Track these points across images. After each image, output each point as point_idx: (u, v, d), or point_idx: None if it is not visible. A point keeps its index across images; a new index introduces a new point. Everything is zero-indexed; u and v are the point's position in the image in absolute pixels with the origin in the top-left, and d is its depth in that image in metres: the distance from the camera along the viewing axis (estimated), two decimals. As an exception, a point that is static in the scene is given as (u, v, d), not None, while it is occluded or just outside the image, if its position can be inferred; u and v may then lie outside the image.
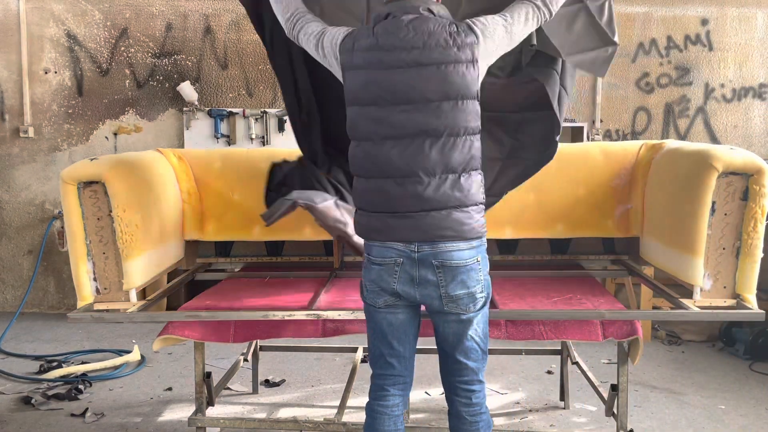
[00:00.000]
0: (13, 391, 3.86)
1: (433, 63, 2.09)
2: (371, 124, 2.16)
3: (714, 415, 3.54)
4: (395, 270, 2.17)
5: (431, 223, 2.13)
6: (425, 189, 2.13)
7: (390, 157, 2.14)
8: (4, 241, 5.61)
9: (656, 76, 5.42)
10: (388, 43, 2.11)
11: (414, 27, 2.11)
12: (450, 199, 2.14)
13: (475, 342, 2.25)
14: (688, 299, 2.60)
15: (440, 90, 2.10)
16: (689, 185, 2.59)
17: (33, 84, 5.50)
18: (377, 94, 2.14)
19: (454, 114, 2.12)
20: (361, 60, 2.15)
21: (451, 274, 2.14)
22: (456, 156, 2.14)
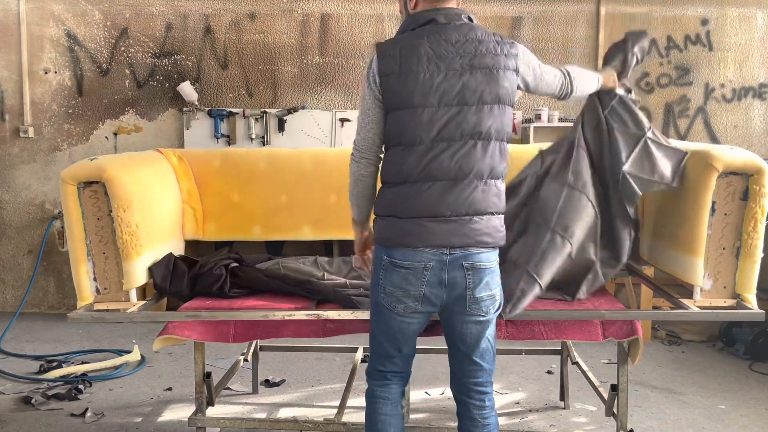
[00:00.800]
0: (13, 391, 3.86)
1: (485, 67, 2.12)
2: (422, 127, 2.11)
3: (714, 415, 3.54)
4: (424, 274, 2.13)
5: (474, 228, 2.13)
6: (473, 192, 2.12)
7: (442, 160, 2.11)
8: (4, 241, 5.61)
9: (656, 76, 5.42)
10: (439, 46, 2.11)
11: (463, 33, 2.14)
12: (490, 205, 2.16)
13: (490, 344, 2.27)
14: (688, 299, 2.60)
15: (493, 93, 2.13)
16: (689, 185, 2.59)
17: (33, 84, 5.50)
18: (430, 96, 2.10)
19: (502, 118, 2.16)
20: (409, 63, 2.10)
21: (479, 276, 2.15)
22: (499, 160, 2.17)
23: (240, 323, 2.71)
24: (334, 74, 5.47)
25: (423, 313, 2.22)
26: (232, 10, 5.44)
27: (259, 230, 3.27)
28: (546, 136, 5.27)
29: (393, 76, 2.12)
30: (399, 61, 2.11)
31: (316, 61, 5.47)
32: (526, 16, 5.41)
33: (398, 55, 2.12)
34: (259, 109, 5.40)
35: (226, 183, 3.28)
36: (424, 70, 2.09)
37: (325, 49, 5.46)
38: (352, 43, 5.44)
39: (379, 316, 2.26)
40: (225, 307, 2.69)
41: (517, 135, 5.38)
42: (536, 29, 5.41)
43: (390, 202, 2.18)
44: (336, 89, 5.48)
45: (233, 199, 3.28)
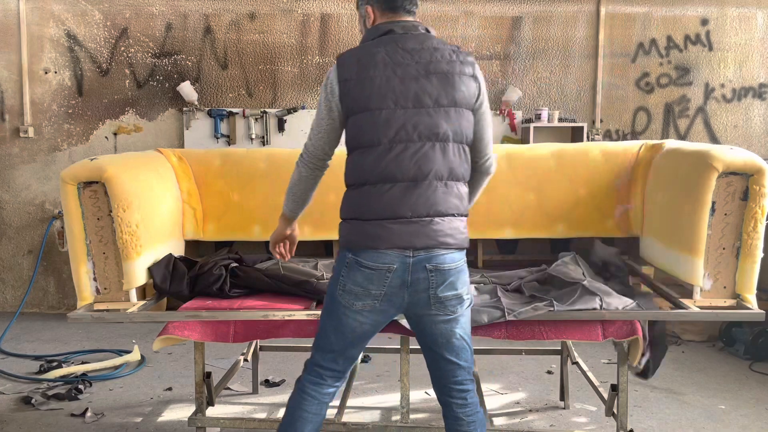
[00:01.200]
0: (13, 391, 3.86)
1: (441, 72, 2.18)
2: (379, 128, 2.15)
3: (714, 415, 3.54)
4: (387, 275, 2.15)
5: (436, 230, 2.14)
6: (433, 193, 2.15)
7: (400, 161, 2.14)
8: (4, 241, 5.61)
9: (656, 76, 5.42)
10: (396, 53, 2.19)
11: (419, 41, 2.23)
12: (451, 206, 2.18)
13: (464, 341, 2.26)
14: (688, 299, 2.60)
15: (449, 96, 2.18)
16: (689, 185, 2.59)
17: (33, 84, 5.50)
18: (387, 98, 2.15)
19: (459, 121, 2.19)
20: (366, 70, 2.16)
21: (443, 277, 2.16)
22: (459, 162, 2.20)
23: (240, 323, 2.71)
24: (334, 74, 5.47)
25: (380, 312, 2.21)
26: (232, 10, 5.44)
27: (259, 230, 3.27)
28: (546, 136, 5.28)
29: (351, 82, 2.17)
30: (357, 68, 2.17)
31: (316, 61, 5.47)
32: (526, 16, 5.41)
33: (356, 62, 2.18)
34: (259, 109, 5.40)
35: (226, 183, 3.28)
36: (381, 75, 2.15)
37: (325, 49, 5.46)
38: (352, 43, 5.44)
39: (333, 312, 2.26)
40: (225, 307, 2.69)
41: (518, 135, 5.38)
42: (536, 29, 5.41)
43: (353, 205, 2.21)
44: (336, 89, 5.47)
45: (233, 199, 3.28)
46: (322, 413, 2.34)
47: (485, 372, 4.07)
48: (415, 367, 4.08)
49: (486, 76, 5.41)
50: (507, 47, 5.44)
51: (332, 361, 2.33)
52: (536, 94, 5.46)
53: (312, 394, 2.33)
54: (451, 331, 2.23)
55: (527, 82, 5.45)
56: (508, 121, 5.38)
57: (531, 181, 3.19)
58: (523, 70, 5.45)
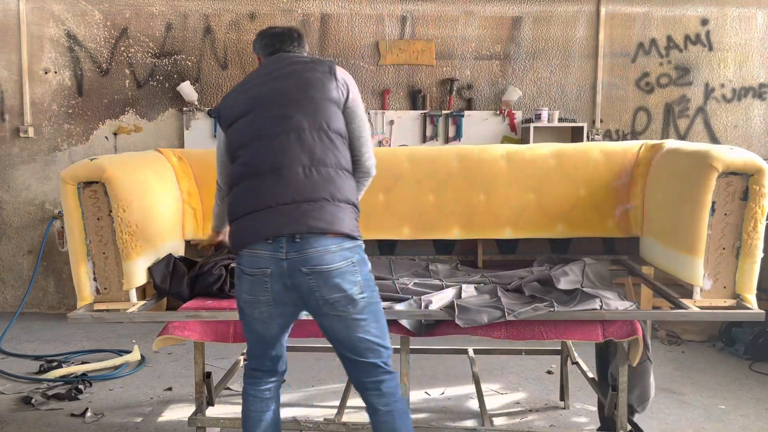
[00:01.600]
0: (13, 391, 3.86)
1: (293, 72, 2.32)
2: (246, 130, 2.28)
3: (714, 415, 3.54)
4: (265, 281, 2.18)
5: (303, 213, 2.14)
6: (295, 178, 2.18)
7: (259, 154, 2.22)
8: (4, 241, 5.61)
9: (656, 76, 5.42)
10: (253, 75, 2.39)
11: (277, 59, 2.42)
12: (321, 191, 2.18)
13: (370, 342, 2.24)
14: (688, 299, 2.60)
15: (301, 88, 2.27)
16: (689, 185, 2.59)
17: (33, 84, 5.50)
18: (252, 103, 2.30)
19: (314, 110, 2.25)
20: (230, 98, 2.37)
21: (323, 279, 2.14)
22: (322, 150, 2.23)
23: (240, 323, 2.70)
24: (334, 74, 5.47)
25: (280, 315, 2.26)
26: (232, 10, 5.44)
27: (259, 230, 3.27)
28: (546, 136, 5.28)
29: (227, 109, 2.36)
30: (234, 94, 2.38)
31: (316, 61, 5.46)
32: (526, 16, 5.41)
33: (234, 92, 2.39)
34: (259, 109, 5.40)
35: (226, 183, 3.27)
36: (245, 91, 2.34)
37: (325, 49, 5.46)
38: (352, 43, 5.45)
39: (242, 320, 2.34)
40: (225, 307, 2.69)
41: (518, 135, 5.38)
42: (536, 29, 5.41)
43: (230, 206, 2.29)
44: (336, 89, 5.48)
45: (233, 199, 3.27)
46: (269, 409, 2.42)
47: (485, 372, 4.07)
48: (415, 367, 4.08)
49: (486, 76, 5.43)
50: (507, 47, 5.44)
51: (259, 362, 2.41)
52: (536, 94, 5.46)
53: (252, 394, 2.42)
54: (350, 333, 2.21)
55: (527, 82, 5.45)
56: (508, 121, 5.38)
57: (531, 181, 3.19)
58: (523, 70, 5.45)
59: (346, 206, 2.22)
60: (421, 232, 3.25)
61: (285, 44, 2.47)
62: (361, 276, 2.21)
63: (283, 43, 2.47)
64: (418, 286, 2.86)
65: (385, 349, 2.28)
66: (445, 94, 5.44)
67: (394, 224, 3.24)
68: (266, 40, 2.49)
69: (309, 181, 2.17)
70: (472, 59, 5.44)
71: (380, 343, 2.26)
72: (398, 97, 5.47)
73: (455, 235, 3.23)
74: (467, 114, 5.37)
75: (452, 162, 3.23)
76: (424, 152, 3.32)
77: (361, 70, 5.46)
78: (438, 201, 3.22)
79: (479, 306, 2.59)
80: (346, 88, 2.34)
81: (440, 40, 5.42)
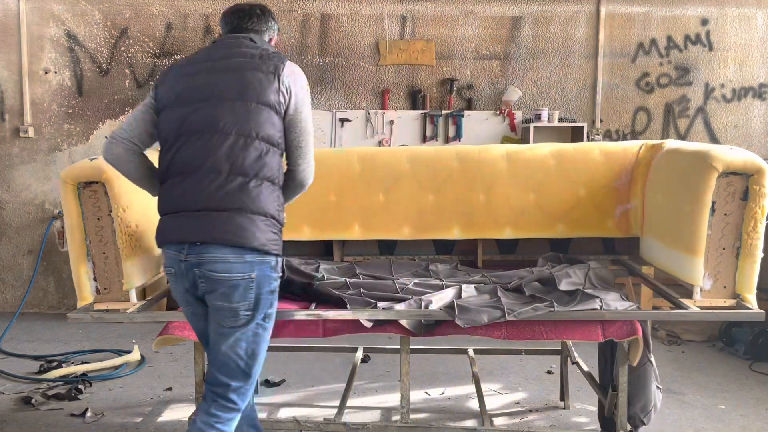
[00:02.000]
0: (13, 391, 3.86)
1: (234, 68, 2.20)
2: (172, 123, 2.21)
3: (714, 415, 3.54)
4: (174, 279, 2.21)
5: (211, 223, 2.09)
6: (209, 185, 2.11)
7: (182, 153, 2.16)
8: (4, 241, 5.61)
9: (656, 76, 5.42)
10: (199, 56, 2.29)
11: (226, 45, 2.30)
12: (234, 202, 2.10)
13: (233, 359, 2.18)
14: (688, 299, 2.60)
15: (236, 90, 2.16)
16: (689, 185, 2.59)
17: (33, 84, 5.50)
18: (180, 95, 2.21)
19: (247, 115, 2.15)
20: (173, 73, 2.28)
21: (213, 285, 2.12)
22: (245, 158, 2.12)
23: (240, 323, 2.71)
24: (334, 74, 5.48)
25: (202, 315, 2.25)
26: (232, 10, 5.44)
27: (259, 230, 3.27)
28: (546, 136, 5.28)
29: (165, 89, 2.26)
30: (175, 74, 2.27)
31: (316, 61, 5.47)
32: (526, 16, 5.41)
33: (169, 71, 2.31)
34: (259, 109, 5.40)
35: (226, 183, 3.27)
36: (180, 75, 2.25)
37: (325, 49, 5.46)
38: (352, 43, 5.45)
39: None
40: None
41: (518, 135, 5.38)
42: (536, 29, 5.41)
43: (158, 202, 2.27)
44: (336, 89, 5.48)
45: (233, 199, 3.27)
46: None
47: (485, 372, 4.07)
48: (415, 367, 4.08)
49: (486, 76, 5.43)
50: (507, 47, 5.44)
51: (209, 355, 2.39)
52: (536, 94, 5.46)
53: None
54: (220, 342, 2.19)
55: (527, 82, 5.45)
56: (508, 121, 5.38)
57: (531, 181, 3.19)
58: (523, 70, 5.45)
59: (260, 219, 2.13)
60: (421, 232, 3.25)
61: (244, 20, 2.36)
62: (255, 293, 2.14)
63: (242, 19, 2.36)
64: (418, 286, 2.86)
65: (246, 376, 2.21)
66: (445, 94, 5.44)
67: (394, 224, 3.24)
68: (227, 17, 2.39)
69: (224, 189, 2.10)
70: (472, 59, 5.44)
71: (243, 368, 2.20)
72: (398, 97, 5.47)
73: (455, 235, 3.23)
74: (467, 114, 5.37)
75: (452, 162, 3.23)
76: (424, 152, 3.32)
77: (361, 70, 5.46)
78: (438, 201, 3.22)
79: (479, 306, 2.59)
80: (289, 93, 2.21)
81: (440, 40, 5.42)
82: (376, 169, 3.25)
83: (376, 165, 3.25)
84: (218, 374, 2.21)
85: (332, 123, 5.40)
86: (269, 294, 2.20)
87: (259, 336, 2.21)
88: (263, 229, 2.13)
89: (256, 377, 2.26)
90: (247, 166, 2.12)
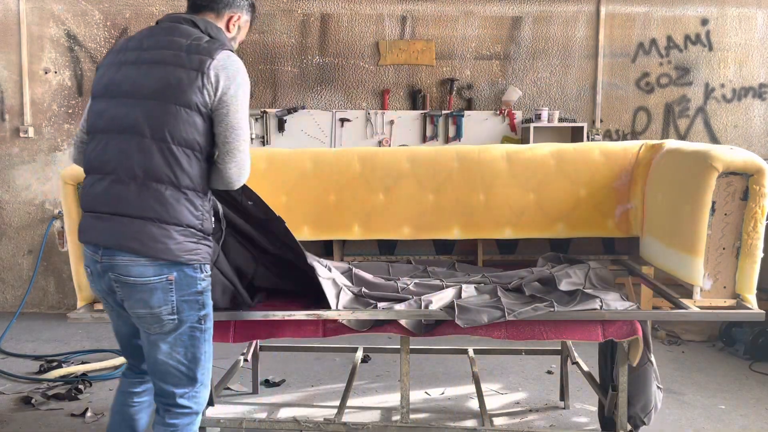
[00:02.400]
0: (13, 391, 3.86)
1: (158, 62, 2.04)
2: (96, 117, 2.11)
3: (714, 415, 3.54)
4: (92, 278, 2.14)
5: (123, 230, 1.99)
6: (123, 191, 2.01)
7: (101, 151, 2.06)
8: (4, 241, 5.61)
9: (656, 76, 5.42)
10: (133, 42, 2.13)
11: (160, 31, 2.12)
12: (147, 210, 1.99)
13: (173, 366, 2.11)
14: (688, 299, 2.60)
15: (154, 89, 2.02)
16: (689, 185, 2.59)
17: (33, 84, 5.50)
18: (105, 87, 2.10)
19: (165, 119, 2.00)
20: (108, 59, 2.16)
21: (128, 291, 2.03)
22: (160, 163, 2.00)
23: (240, 323, 2.71)
24: (334, 74, 5.48)
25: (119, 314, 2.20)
26: (232, 10, 5.43)
27: (259, 230, 3.27)
28: (546, 136, 5.27)
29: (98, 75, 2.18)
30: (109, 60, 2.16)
31: (316, 61, 5.47)
32: (526, 16, 5.41)
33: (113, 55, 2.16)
34: (259, 109, 5.40)
35: (226, 183, 3.27)
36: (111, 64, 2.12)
37: (325, 49, 5.46)
38: (352, 43, 5.45)
39: None
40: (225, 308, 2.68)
41: (518, 135, 5.38)
42: (536, 29, 5.41)
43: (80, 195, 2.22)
44: (336, 89, 5.48)
45: (233, 199, 3.27)
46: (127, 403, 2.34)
47: (485, 372, 4.07)
48: (415, 367, 4.08)
49: (486, 76, 5.43)
50: (507, 47, 5.44)
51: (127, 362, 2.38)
52: (536, 94, 5.46)
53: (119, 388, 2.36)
54: (153, 351, 2.11)
55: (527, 82, 5.45)
56: (508, 121, 5.38)
57: (531, 181, 3.19)
58: (523, 70, 5.45)
59: (175, 229, 2.01)
60: (421, 232, 3.25)
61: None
62: (176, 295, 2.04)
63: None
64: (419, 286, 2.86)
65: (191, 381, 2.15)
66: (445, 94, 5.44)
67: (394, 224, 3.24)
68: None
69: (136, 196, 1.99)
70: (472, 59, 5.44)
71: (186, 373, 2.13)
72: (398, 97, 5.47)
73: (455, 235, 3.23)
74: (467, 114, 5.37)
75: (452, 162, 3.23)
76: (424, 152, 3.32)
77: (361, 70, 5.46)
78: (438, 201, 3.22)
79: (479, 306, 2.59)
80: (215, 88, 2.03)
81: (440, 40, 5.42)
82: (376, 169, 3.25)
83: (376, 165, 3.25)
84: (161, 384, 2.15)
85: (332, 123, 5.40)
86: (196, 295, 2.09)
87: (196, 339, 2.13)
88: (178, 240, 2.01)
89: (204, 379, 2.19)
90: (161, 174, 1.99)
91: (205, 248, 2.11)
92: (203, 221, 2.10)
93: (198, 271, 2.09)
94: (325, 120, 5.40)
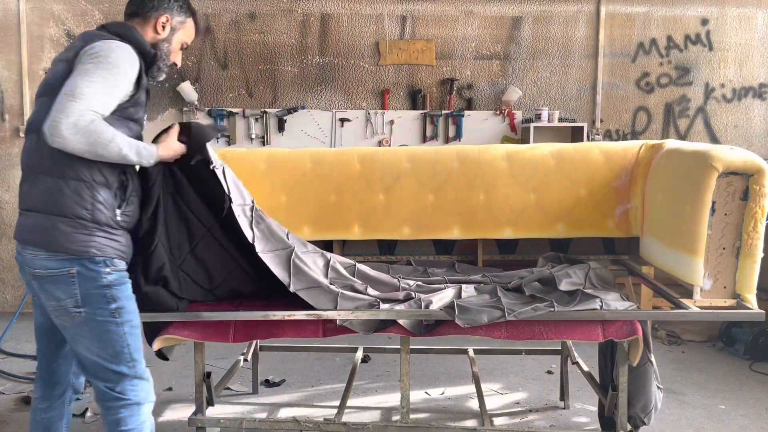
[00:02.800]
0: (13, 391, 3.86)
1: (59, 60, 2.15)
2: None
3: (714, 415, 3.54)
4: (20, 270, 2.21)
5: (25, 224, 2.10)
6: (25, 186, 2.14)
7: (23, 152, 2.19)
8: (4, 241, 5.61)
9: (656, 76, 5.42)
10: None
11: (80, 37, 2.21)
12: (37, 203, 2.07)
13: (96, 362, 2.14)
14: (688, 299, 2.60)
15: (48, 86, 2.11)
16: (689, 185, 2.59)
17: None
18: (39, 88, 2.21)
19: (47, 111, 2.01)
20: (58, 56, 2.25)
21: (39, 283, 2.10)
22: (46, 155, 2.05)
23: (240, 323, 2.71)
24: (334, 74, 5.48)
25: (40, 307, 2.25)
26: (232, 10, 5.44)
27: (259, 230, 3.26)
28: (546, 136, 5.28)
29: None
30: None
31: (316, 61, 5.47)
32: (526, 16, 5.42)
33: None
34: (259, 109, 5.40)
35: (226, 183, 3.27)
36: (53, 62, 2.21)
37: (325, 49, 5.46)
38: (352, 43, 5.45)
39: None
40: (225, 308, 2.68)
41: (518, 135, 5.38)
42: (536, 29, 5.42)
43: None
44: (336, 89, 5.49)
45: (233, 199, 3.27)
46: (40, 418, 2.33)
47: (485, 372, 4.07)
48: (415, 367, 4.08)
49: (486, 76, 5.43)
50: (507, 47, 5.44)
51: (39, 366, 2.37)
52: (536, 94, 5.46)
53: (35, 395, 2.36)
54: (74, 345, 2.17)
55: (527, 82, 5.45)
56: (508, 121, 5.38)
57: (531, 181, 3.19)
58: (523, 70, 5.45)
59: (61, 221, 2.04)
60: (421, 232, 3.25)
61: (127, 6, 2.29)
62: (80, 289, 2.07)
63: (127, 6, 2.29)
64: (419, 286, 2.86)
65: (119, 375, 2.16)
66: (445, 94, 5.44)
67: (394, 224, 3.24)
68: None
69: (29, 190, 2.10)
70: (472, 59, 5.44)
71: (107, 366, 2.15)
72: (398, 97, 5.47)
73: (455, 235, 3.23)
74: (467, 114, 5.37)
75: (452, 162, 3.23)
76: (424, 152, 3.33)
77: (361, 70, 5.46)
78: (438, 201, 3.22)
79: (479, 306, 2.59)
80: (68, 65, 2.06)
81: (440, 40, 5.42)
82: (376, 169, 3.25)
83: (376, 165, 3.25)
84: (94, 381, 2.20)
85: (332, 123, 5.40)
86: (102, 289, 2.10)
87: (113, 333, 2.13)
88: (66, 232, 2.03)
89: (137, 372, 2.19)
90: (44, 166, 2.06)
91: (102, 240, 2.09)
92: (94, 212, 2.08)
93: (101, 265, 2.09)
94: (325, 120, 5.40)
